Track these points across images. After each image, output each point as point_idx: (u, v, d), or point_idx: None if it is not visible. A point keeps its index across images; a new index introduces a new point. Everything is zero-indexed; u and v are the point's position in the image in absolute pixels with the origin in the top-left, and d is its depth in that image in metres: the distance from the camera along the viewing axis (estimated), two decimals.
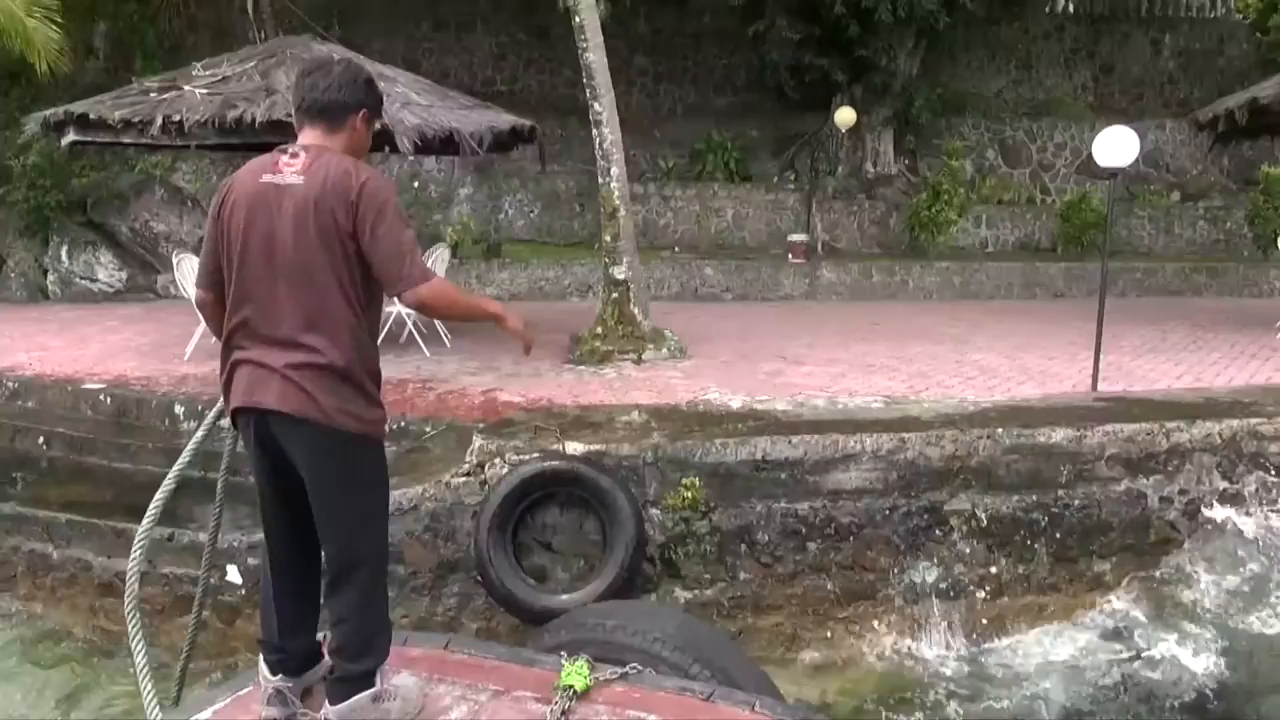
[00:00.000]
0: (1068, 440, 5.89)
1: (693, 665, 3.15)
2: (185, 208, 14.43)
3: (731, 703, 2.73)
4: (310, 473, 2.68)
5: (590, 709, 2.70)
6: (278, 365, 2.60)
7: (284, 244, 2.58)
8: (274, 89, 7.70)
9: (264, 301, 2.63)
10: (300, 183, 2.58)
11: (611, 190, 8.61)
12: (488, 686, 2.86)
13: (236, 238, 2.64)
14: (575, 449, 5.60)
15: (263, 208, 2.60)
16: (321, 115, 2.71)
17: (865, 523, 5.70)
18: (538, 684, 2.83)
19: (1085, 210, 14.51)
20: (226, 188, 2.74)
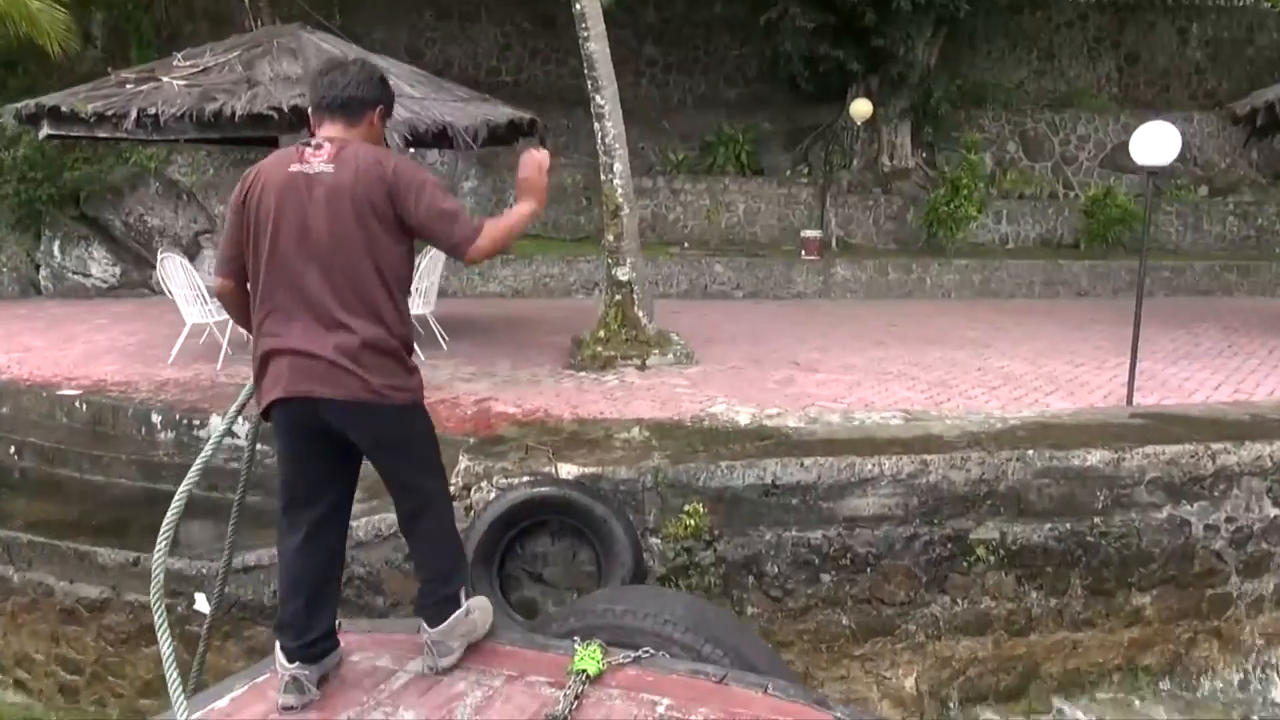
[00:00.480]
0: (1104, 463, 5.42)
1: (705, 645, 3.13)
2: (180, 201, 14.05)
3: (744, 685, 2.71)
4: (372, 446, 2.89)
5: (604, 693, 2.70)
6: (324, 350, 2.71)
7: (318, 229, 2.68)
8: (256, 80, 7.28)
9: (300, 286, 2.72)
10: (330, 170, 2.70)
11: (614, 188, 8.16)
12: (501, 671, 2.86)
13: (265, 225, 2.73)
14: (569, 472, 5.16)
15: (293, 195, 2.70)
16: (341, 111, 2.85)
17: (884, 553, 5.26)
18: (551, 668, 2.83)
19: (1110, 205, 13.97)
20: (251, 178, 2.80)
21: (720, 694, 2.68)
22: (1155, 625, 5.44)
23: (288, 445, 2.95)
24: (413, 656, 2.95)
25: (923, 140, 15.80)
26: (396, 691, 2.85)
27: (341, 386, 2.72)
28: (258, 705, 2.87)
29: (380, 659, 3.03)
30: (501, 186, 15.23)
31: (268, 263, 2.76)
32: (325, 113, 2.89)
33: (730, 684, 2.73)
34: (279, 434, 2.94)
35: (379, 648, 3.12)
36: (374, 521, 5.19)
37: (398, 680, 2.92)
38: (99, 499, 6.47)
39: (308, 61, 7.73)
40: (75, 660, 5.51)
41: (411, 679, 2.92)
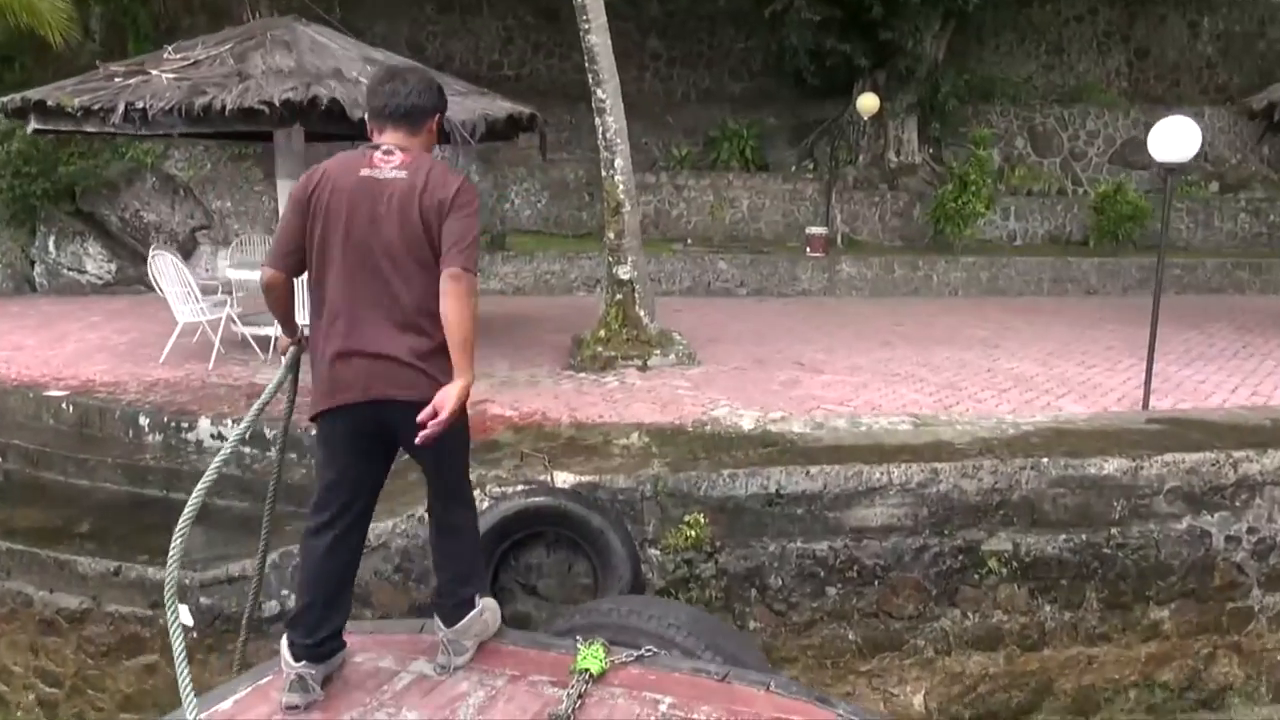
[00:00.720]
0: (1121, 472, 5.22)
1: (705, 651, 3.11)
2: (177, 197, 13.86)
3: (746, 682, 2.69)
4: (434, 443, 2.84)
5: (606, 691, 2.69)
6: (398, 351, 2.80)
7: (390, 233, 2.77)
8: (248, 74, 7.08)
9: (371, 288, 2.79)
10: (404, 177, 2.80)
11: (616, 184, 7.95)
12: (504, 671, 2.86)
13: (335, 226, 2.79)
14: (565, 480, 4.98)
15: (366, 200, 2.78)
16: (405, 119, 2.93)
17: (892, 564, 5.07)
18: (554, 668, 2.83)
19: (1121, 202, 13.74)
20: (318, 179, 2.85)
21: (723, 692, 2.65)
22: (1174, 640, 5.25)
23: (340, 448, 2.99)
24: (415, 657, 2.95)
25: (929, 136, 15.57)
26: (400, 692, 2.83)
27: (415, 389, 2.80)
28: (261, 707, 2.85)
29: (383, 660, 3.01)
30: (503, 182, 15.04)
31: (338, 263, 2.81)
32: (388, 121, 2.95)
33: (733, 682, 2.70)
34: (332, 437, 2.98)
35: (382, 648, 3.10)
36: None
37: (401, 681, 2.90)
38: (83, 504, 6.29)
39: (301, 54, 7.54)
40: (54, 673, 5.33)
41: (414, 679, 2.89)
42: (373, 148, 2.89)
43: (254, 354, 8.55)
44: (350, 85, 7.20)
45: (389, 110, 2.94)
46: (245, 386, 7.62)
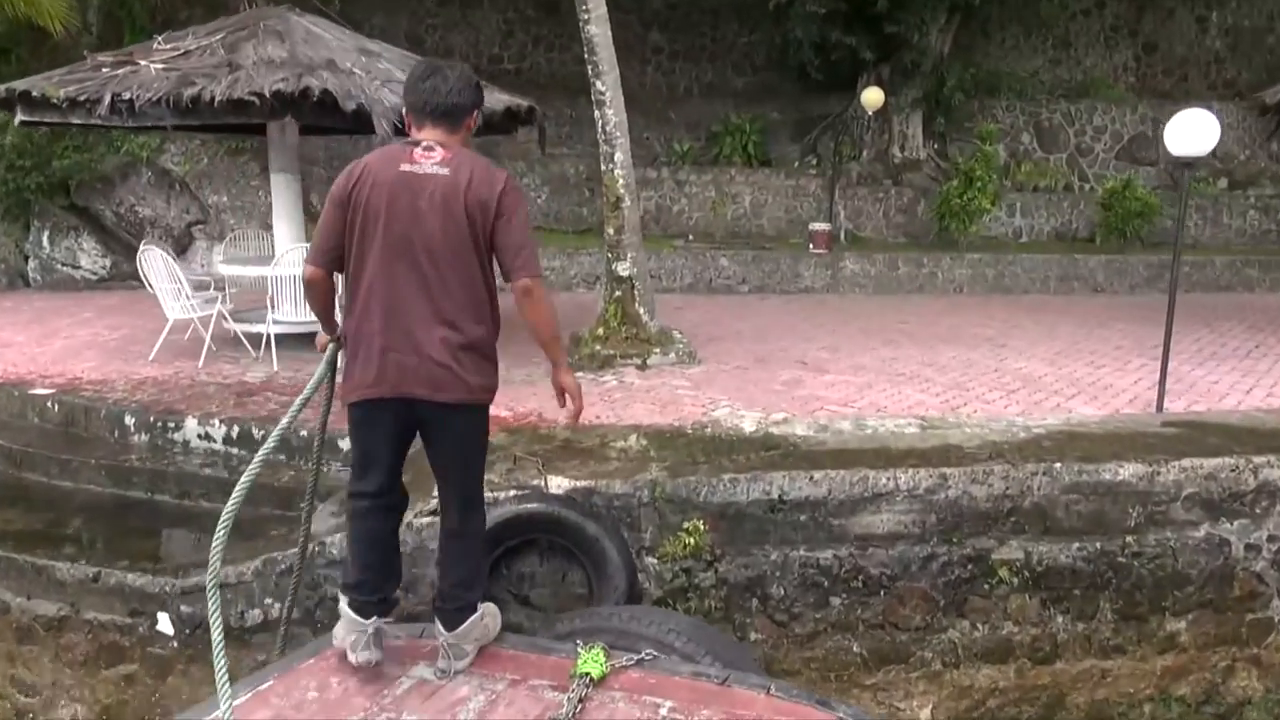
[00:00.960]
0: (1137, 478, 5.03)
1: (704, 657, 3.08)
2: (174, 191, 13.69)
3: (747, 686, 2.68)
4: (453, 444, 3.01)
5: (607, 695, 2.67)
6: (430, 347, 2.81)
7: (432, 228, 2.77)
8: (238, 64, 6.89)
9: (408, 282, 2.80)
10: (447, 173, 2.79)
11: (615, 178, 7.77)
12: (505, 675, 2.85)
13: (376, 220, 2.80)
14: (560, 485, 4.79)
15: (407, 194, 2.77)
16: (445, 117, 2.92)
17: (899, 574, 4.88)
18: (554, 672, 2.82)
19: (1129, 198, 13.54)
20: (357, 174, 2.85)
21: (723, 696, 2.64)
22: (1191, 652, 5.06)
23: (371, 436, 3.03)
24: (416, 661, 2.94)
25: (935, 131, 15.37)
26: (400, 696, 2.81)
27: (444, 389, 2.84)
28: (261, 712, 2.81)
29: (384, 664, 2.98)
30: None
31: (377, 257, 2.83)
32: (428, 118, 2.94)
33: (733, 686, 2.69)
34: (365, 424, 3.02)
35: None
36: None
37: (401, 685, 2.88)
38: (66, 507, 6.11)
39: (295, 45, 7.36)
40: (31, 682, 5.15)
41: (415, 684, 2.87)
42: (413, 143, 2.89)
43: (245, 352, 8.37)
44: (344, 77, 7.02)
45: (430, 107, 2.93)
46: (235, 385, 7.45)
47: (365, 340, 2.91)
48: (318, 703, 2.83)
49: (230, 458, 6.52)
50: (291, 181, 8.55)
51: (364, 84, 6.95)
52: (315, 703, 2.83)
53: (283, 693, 2.90)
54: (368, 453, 3.07)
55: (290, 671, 2.98)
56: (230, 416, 6.66)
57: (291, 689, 2.88)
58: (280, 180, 8.54)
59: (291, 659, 3.19)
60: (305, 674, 2.94)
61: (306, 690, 2.87)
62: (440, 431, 2.99)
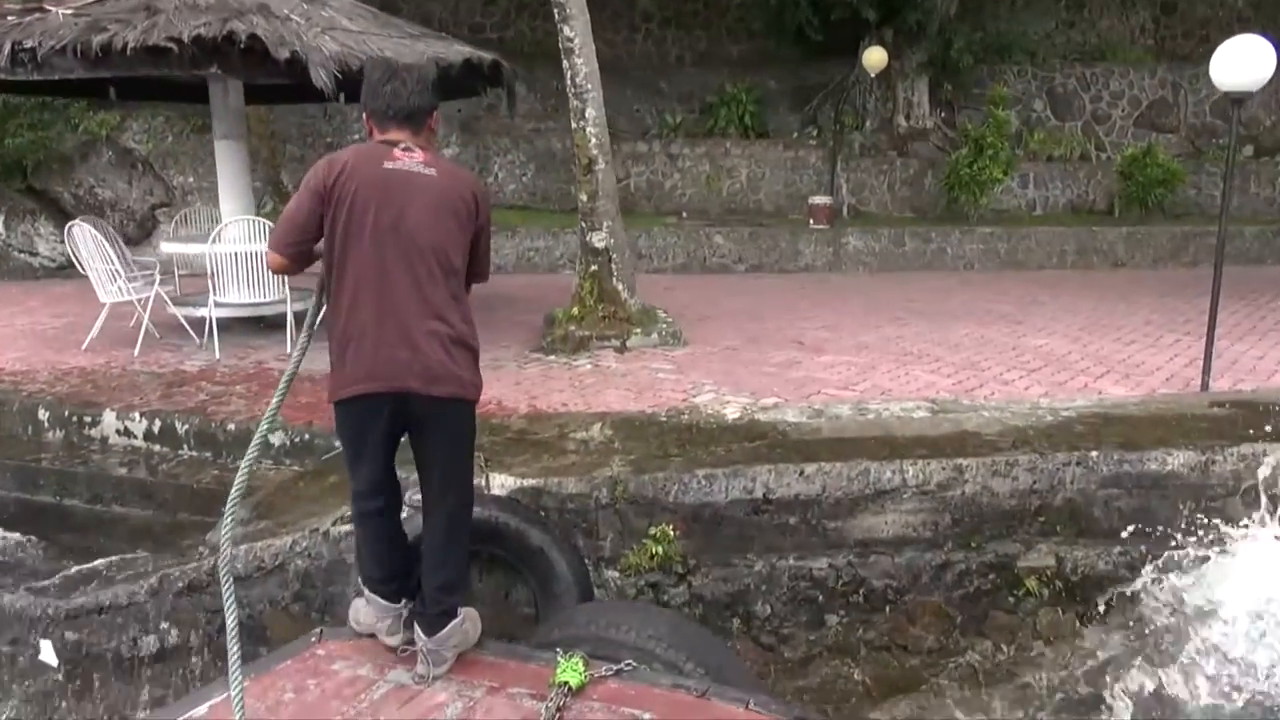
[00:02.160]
0: (1189, 468, 4.27)
1: (686, 663, 3.03)
2: (135, 172, 12.93)
3: (726, 700, 2.64)
4: (446, 440, 2.97)
5: (585, 705, 2.64)
6: (423, 342, 2.81)
7: (420, 225, 2.81)
8: (157, 8, 6.11)
9: (398, 278, 2.80)
10: (434, 174, 2.87)
11: (587, 136, 6.99)
12: (483, 683, 2.81)
13: (364, 214, 2.80)
14: (503, 484, 4.04)
15: (397, 190, 2.81)
16: (409, 119, 2.94)
17: (907, 585, 4.14)
18: (533, 680, 2.79)
19: (1150, 166, 12.69)
20: (338, 169, 2.82)
21: (702, 709, 2.62)
22: None
23: (363, 433, 2.97)
24: (394, 666, 2.91)
25: (941, 98, 14.52)
26: (377, 701, 2.77)
27: (439, 383, 2.83)
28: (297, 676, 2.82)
29: (361, 668, 2.93)
30: (485, 154, 14.07)
31: (367, 250, 2.82)
32: (391, 121, 2.95)
33: (712, 698, 2.66)
34: (357, 421, 2.95)
35: (360, 656, 3.02)
36: (255, 550, 4.08)
37: (378, 690, 2.83)
38: None
39: None
40: None
41: (392, 689, 2.82)
42: (390, 143, 2.91)
43: (191, 338, 7.63)
44: (279, 22, 6.24)
45: (393, 111, 2.94)
46: (169, 375, 6.71)
47: (356, 336, 2.86)
48: (294, 704, 2.78)
49: (151, 455, 5.79)
50: (236, 149, 7.79)
51: (301, 30, 6.18)
52: (292, 704, 2.78)
53: (259, 694, 2.84)
54: (359, 452, 3.02)
55: (267, 673, 2.93)
56: (153, 409, 5.92)
57: (268, 690, 2.83)
58: (225, 148, 7.78)
59: (269, 660, 3.13)
60: (282, 675, 2.89)
61: (283, 692, 2.81)
62: (433, 427, 2.94)
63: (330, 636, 3.16)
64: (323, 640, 3.11)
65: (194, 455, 5.74)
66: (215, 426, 5.68)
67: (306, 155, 13.55)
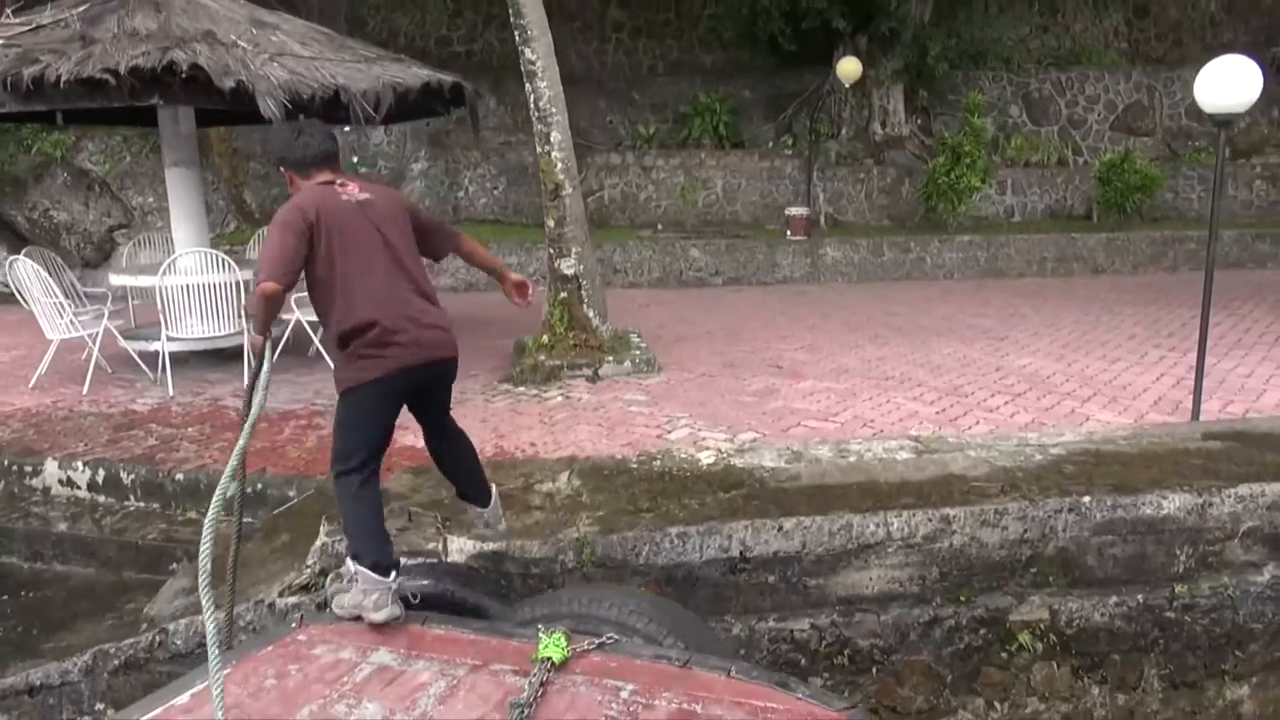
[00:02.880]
0: (1185, 511, 4.06)
1: (667, 638, 3.06)
2: (92, 194, 12.57)
3: (707, 668, 2.68)
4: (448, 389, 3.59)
5: (568, 679, 2.66)
6: (439, 319, 3.38)
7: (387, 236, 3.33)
8: (94, 39, 5.82)
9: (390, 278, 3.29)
10: (371, 196, 3.39)
11: (553, 161, 6.73)
12: (465, 661, 2.83)
13: (343, 234, 3.26)
14: (462, 549, 3.78)
15: (359, 217, 3.32)
16: (325, 161, 3.44)
17: (894, 644, 3.90)
18: (516, 656, 2.80)
19: (1128, 171, 12.56)
20: (313, 210, 3.24)
21: (684, 678, 2.65)
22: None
23: (389, 403, 3.30)
24: (376, 648, 2.93)
25: (917, 105, 14.37)
26: (360, 683, 2.76)
27: (447, 347, 3.37)
28: (202, 710, 2.72)
29: (344, 651, 2.93)
30: (455, 168, 13.80)
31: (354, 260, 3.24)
32: (313, 166, 3.40)
33: (693, 668, 2.69)
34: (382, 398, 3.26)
35: (342, 640, 3.01)
36: (196, 625, 3.79)
37: (361, 672, 2.83)
38: None
39: (170, 15, 6.28)
40: None
41: (375, 670, 2.82)
42: (326, 183, 3.36)
43: (142, 373, 7.32)
44: (224, 50, 5.97)
45: (311, 159, 3.40)
46: (118, 416, 6.41)
47: (373, 326, 3.20)
48: (276, 690, 2.76)
49: (96, 507, 5.49)
50: (189, 176, 7.47)
51: (247, 58, 5.89)
52: (274, 690, 2.76)
53: (240, 680, 2.83)
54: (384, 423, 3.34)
55: (248, 659, 2.93)
56: (98, 457, 5.62)
57: (250, 677, 2.82)
58: (176, 175, 7.47)
59: (249, 646, 3.13)
60: (264, 661, 2.89)
61: (265, 678, 2.80)
62: (440, 384, 3.48)
63: (311, 621, 3.17)
64: (304, 625, 3.12)
65: (141, 506, 5.44)
66: (163, 476, 5.38)
67: (271, 173, 13.22)
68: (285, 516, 4.75)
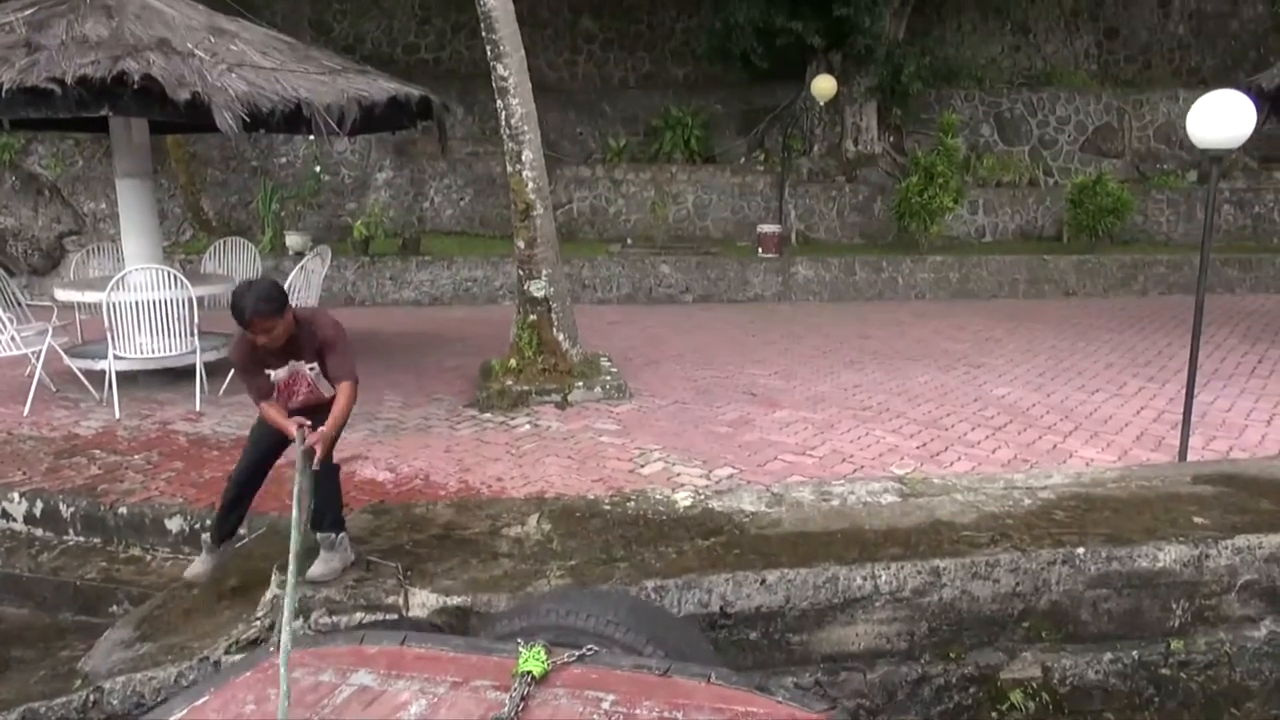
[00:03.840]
0: (1181, 564, 3.90)
1: (646, 645, 3.04)
2: (42, 198, 12.12)
3: (687, 676, 2.66)
4: None
5: (549, 693, 2.63)
6: None
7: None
8: (40, 45, 5.50)
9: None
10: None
11: (524, 181, 6.49)
12: (446, 678, 2.79)
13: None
14: (424, 603, 3.53)
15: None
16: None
17: (881, 704, 3.70)
18: (496, 672, 2.75)
19: (1100, 194, 12.54)
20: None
21: (665, 687, 2.64)
22: None
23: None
24: (356, 669, 2.88)
25: (890, 123, 14.30)
26: (340, 705, 2.72)
27: None
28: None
29: (323, 674, 2.87)
30: (420, 178, 13.50)
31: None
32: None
33: (674, 676, 2.67)
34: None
35: (321, 663, 2.94)
36: (134, 684, 3.51)
37: (341, 694, 2.77)
38: None
39: (123, 22, 5.97)
40: None
41: (355, 691, 2.77)
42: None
43: (88, 392, 6.97)
44: (179, 60, 5.67)
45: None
46: (60, 440, 6.07)
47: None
48: (257, 715, 2.72)
49: (33, 542, 5.16)
50: (141, 187, 7.15)
51: (204, 68, 5.60)
52: (254, 715, 2.72)
53: (219, 708, 2.79)
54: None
55: (227, 685, 2.87)
56: (36, 487, 5.29)
57: (229, 703, 2.79)
58: (128, 187, 7.14)
59: (227, 673, 3.04)
60: (242, 687, 2.83)
61: (244, 704, 2.76)
62: None
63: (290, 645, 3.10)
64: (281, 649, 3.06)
65: (80, 542, 5.12)
66: (105, 509, 5.07)
67: (230, 180, 12.86)
68: (235, 558, 4.46)
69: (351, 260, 11.55)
